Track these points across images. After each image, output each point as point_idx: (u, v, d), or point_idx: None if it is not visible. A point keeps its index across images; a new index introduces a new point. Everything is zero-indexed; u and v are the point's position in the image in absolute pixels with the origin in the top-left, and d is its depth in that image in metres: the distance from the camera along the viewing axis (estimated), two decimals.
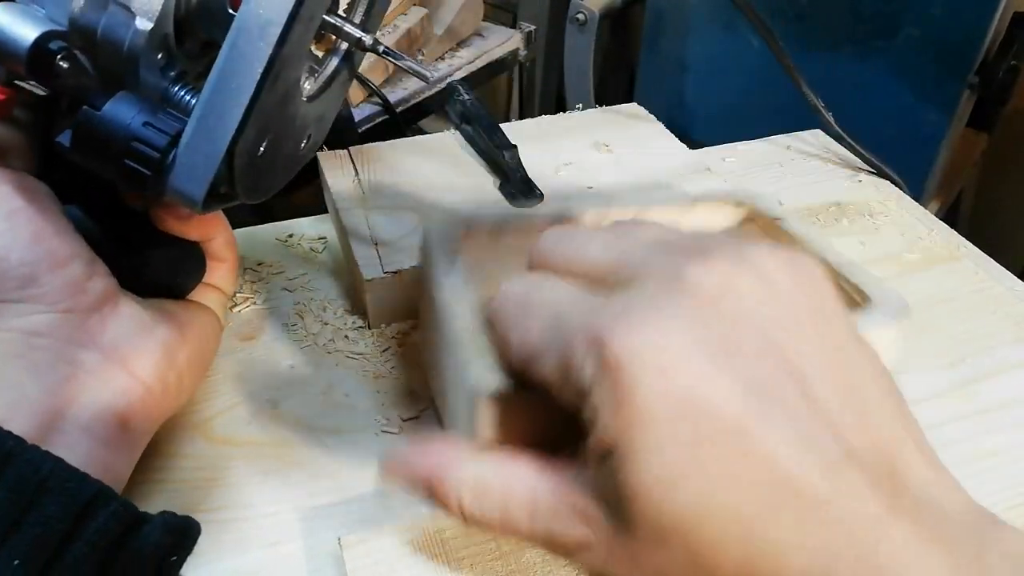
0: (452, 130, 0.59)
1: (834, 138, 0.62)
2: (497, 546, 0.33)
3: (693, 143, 0.60)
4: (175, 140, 0.30)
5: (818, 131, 0.65)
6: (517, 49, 1.32)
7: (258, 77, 0.29)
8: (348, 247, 0.47)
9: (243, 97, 0.29)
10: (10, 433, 0.27)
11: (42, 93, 0.34)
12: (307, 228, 0.54)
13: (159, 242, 0.36)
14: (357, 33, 0.34)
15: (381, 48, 0.35)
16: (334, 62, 0.38)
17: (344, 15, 0.36)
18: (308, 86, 0.37)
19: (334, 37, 0.36)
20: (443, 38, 1.20)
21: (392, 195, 0.51)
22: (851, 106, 0.68)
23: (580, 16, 1.20)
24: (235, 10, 0.31)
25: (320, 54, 0.38)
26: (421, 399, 0.43)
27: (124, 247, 0.35)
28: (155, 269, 0.37)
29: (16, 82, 0.31)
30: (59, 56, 0.30)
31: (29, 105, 0.34)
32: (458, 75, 1.19)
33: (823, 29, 1.01)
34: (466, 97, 0.58)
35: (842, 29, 1.00)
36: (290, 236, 0.54)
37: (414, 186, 0.52)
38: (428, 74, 0.37)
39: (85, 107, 0.30)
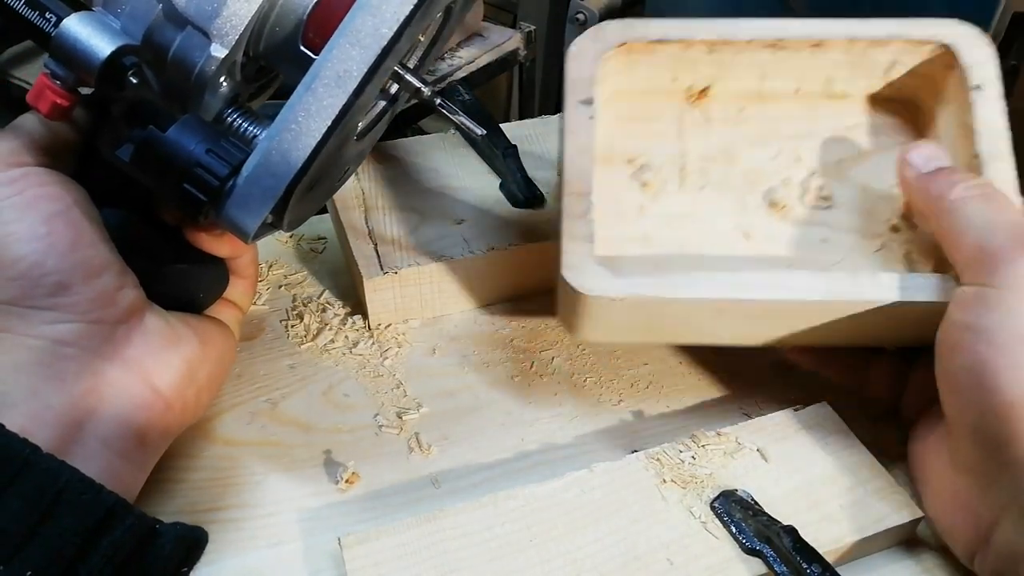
0: (452, 130, 0.59)
1: None
2: (496, 546, 0.34)
3: None
4: (236, 170, 0.31)
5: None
6: (517, 49, 1.32)
7: (330, 123, 0.30)
8: (348, 247, 0.47)
9: (312, 140, 0.30)
10: (26, 441, 0.26)
11: (87, 91, 0.34)
12: (307, 228, 0.54)
13: (187, 256, 0.36)
14: (416, 83, 0.35)
15: (438, 101, 0.36)
16: (383, 103, 0.39)
17: (409, 66, 0.36)
18: (360, 125, 0.38)
19: (389, 80, 0.36)
20: None
21: (392, 195, 0.51)
22: None
23: (580, 16, 1.20)
24: (307, 46, 0.32)
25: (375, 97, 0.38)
26: (421, 399, 0.43)
27: (152, 258, 0.35)
28: (180, 282, 0.37)
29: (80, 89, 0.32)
30: (130, 71, 0.30)
31: (83, 109, 0.34)
32: (458, 75, 1.19)
33: None
34: (466, 97, 0.58)
35: None
36: (290, 236, 0.54)
37: (414, 186, 0.52)
38: (479, 131, 0.38)
39: (151, 127, 0.30)
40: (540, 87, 1.52)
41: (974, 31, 0.38)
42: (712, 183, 0.41)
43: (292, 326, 0.47)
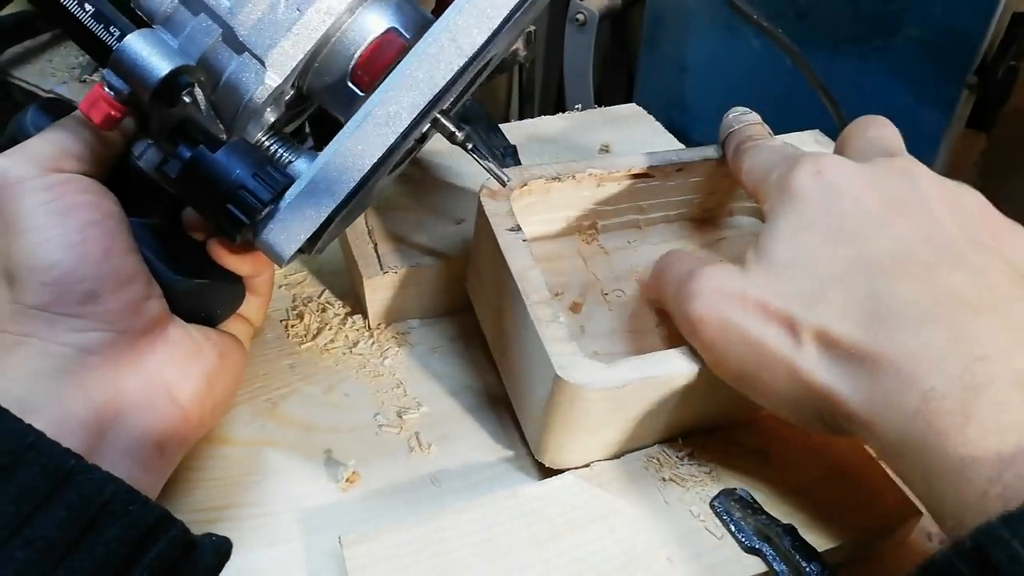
0: None
1: (833, 139, 0.62)
2: (496, 546, 0.34)
3: (692, 143, 0.60)
4: (279, 195, 0.32)
5: (817, 131, 0.65)
6: (517, 49, 1.32)
7: (377, 159, 0.31)
8: (347, 247, 0.47)
9: (356, 174, 0.32)
10: (69, 451, 0.26)
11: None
12: None
13: (208, 271, 0.37)
14: (452, 128, 0.35)
15: (470, 146, 0.37)
16: (412, 141, 0.39)
17: (445, 108, 0.36)
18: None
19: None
20: None
21: (391, 195, 0.51)
22: (850, 106, 0.68)
23: (580, 16, 1.20)
24: (355, 84, 0.33)
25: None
26: (421, 398, 0.43)
27: (175, 270, 0.35)
28: (200, 297, 0.37)
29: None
30: (184, 91, 0.31)
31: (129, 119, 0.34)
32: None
33: (823, 29, 1.01)
34: (507, 178, 0.58)
35: (841, 29, 1.00)
36: None
37: (414, 186, 0.52)
38: (506, 178, 0.38)
39: (202, 147, 0.31)
40: (540, 87, 1.52)
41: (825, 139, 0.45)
42: (632, 299, 0.44)
43: (292, 326, 0.47)
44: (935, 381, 0.26)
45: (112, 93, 0.31)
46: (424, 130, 0.38)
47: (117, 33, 0.32)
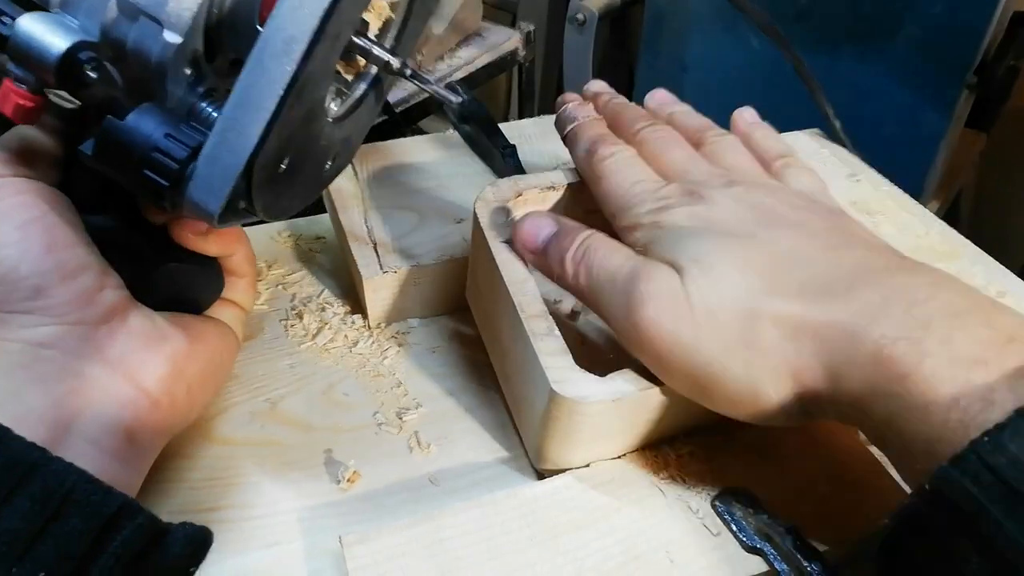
0: (451, 130, 0.59)
1: (834, 139, 0.62)
2: (496, 546, 0.33)
3: None
4: (195, 153, 0.30)
5: (817, 130, 0.65)
6: (516, 49, 1.32)
7: (281, 93, 0.29)
8: (347, 246, 0.47)
9: (264, 112, 0.29)
10: (34, 444, 0.26)
11: (71, 106, 0.34)
12: (306, 227, 0.54)
13: (177, 256, 0.36)
14: (385, 56, 0.34)
15: (408, 72, 0.36)
16: (362, 86, 0.38)
17: (374, 39, 0.36)
18: (335, 107, 0.37)
19: (363, 61, 0.36)
20: (442, 38, 1.20)
21: (391, 195, 0.51)
22: (851, 106, 0.68)
23: (580, 16, 1.21)
24: (263, 26, 0.31)
25: (349, 78, 0.38)
26: (420, 398, 0.43)
27: (142, 260, 0.35)
28: (172, 283, 0.37)
29: (46, 91, 0.32)
30: (88, 66, 0.30)
31: (59, 116, 0.34)
32: (458, 75, 1.19)
33: (823, 29, 1.01)
34: (465, 97, 0.58)
35: (842, 29, 1.00)
36: (289, 235, 0.54)
37: (413, 186, 0.52)
38: (454, 99, 0.38)
39: (109, 116, 0.30)
40: (539, 87, 1.52)
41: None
42: None
43: (291, 326, 0.47)
44: (884, 328, 0.28)
45: (22, 85, 0.30)
46: (373, 72, 0.37)
47: (10, 22, 0.30)
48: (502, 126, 0.58)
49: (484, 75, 1.26)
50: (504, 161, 0.53)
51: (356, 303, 0.48)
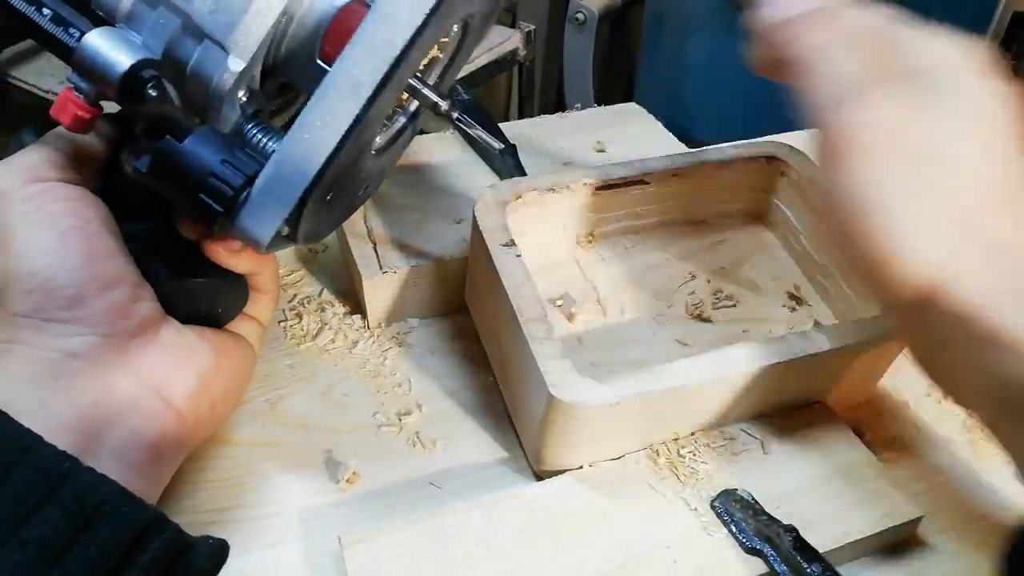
0: (451, 130, 0.59)
1: None
2: (496, 546, 0.34)
3: (692, 143, 0.60)
4: (250, 180, 0.31)
5: (817, 130, 0.65)
6: (516, 48, 1.32)
7: (342, 133, 0.30)
8: (347, 246, 0.47)
9: (325, 150, 0.30)
10: (65, 453, 0.26)
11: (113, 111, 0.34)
12: None
13: (207, 271, 0.36)
14: (434, 98, 0.35)
15: (455, 115, 0.36)
16: (402, 119, 0.38)
17: (422, 77, 0.36)
18: (378, 140, 0.38)
19: (406, 95, 0.36)
20: None
21: (391, 194, 0.51)
22: None
23: (580, 16, 1.21)
24: (324, 61, 0.32)
25: (390, 111, 0.38)
26: (420, 398, 0.43)
27: (172, 273, 0.35)
28: (199, 297, 0.37)
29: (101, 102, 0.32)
30: (149, 84, 0.30)
31: (107, 123, 0.34)
32: (458, 75, 1.19)
33: None
34: (465, 97, 0.58)
35: None
36: None
37: (414, 186, 0.52)
38: (496, 145, 0.38)
39: (168, 137, 0.30)
40: (539, 87, 1.53)
41: (796, 149, 0.48)
42: (629, 307, 0.45)
43: (291, 326, 0.47)
44: None
45: (80, 95, 0.31)
46: (412, 107, 0.38)
47: (77, 34, 0.31)
48: (502, 126, 0.58)
49: (484, 75, 1.26)
50: (504, 161, 0.53)
51: (356, 303, 0.48)
